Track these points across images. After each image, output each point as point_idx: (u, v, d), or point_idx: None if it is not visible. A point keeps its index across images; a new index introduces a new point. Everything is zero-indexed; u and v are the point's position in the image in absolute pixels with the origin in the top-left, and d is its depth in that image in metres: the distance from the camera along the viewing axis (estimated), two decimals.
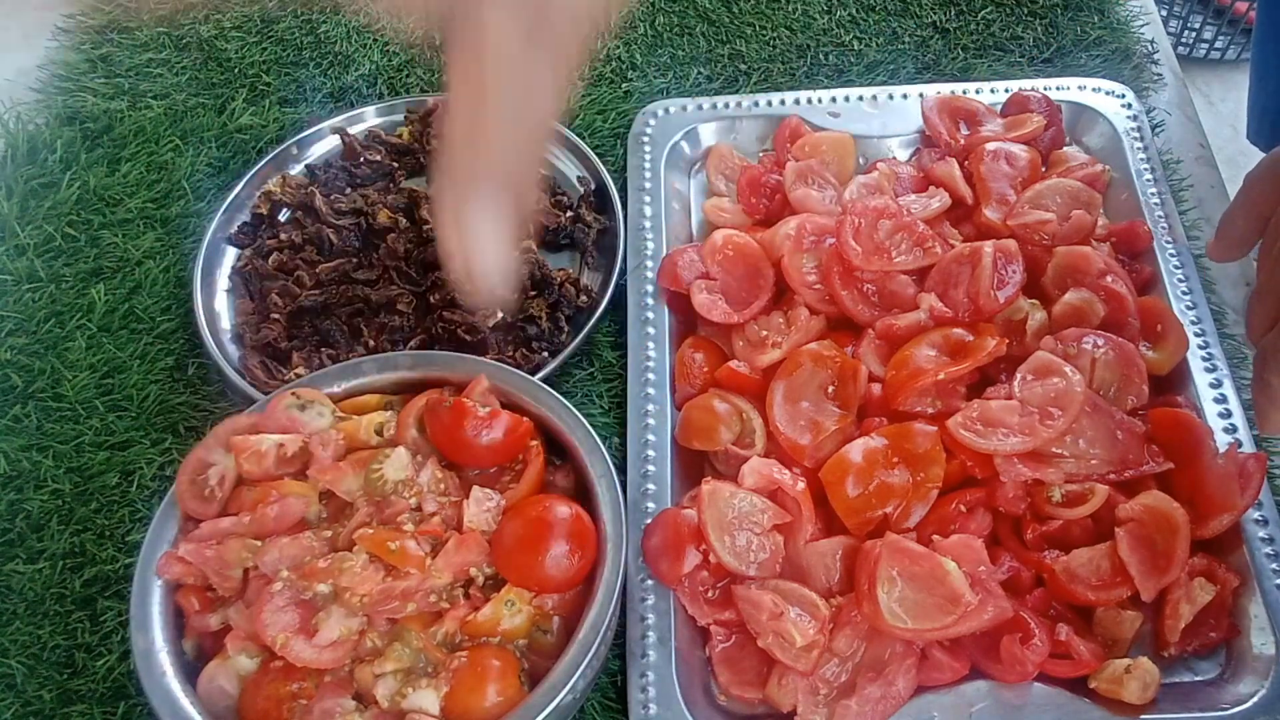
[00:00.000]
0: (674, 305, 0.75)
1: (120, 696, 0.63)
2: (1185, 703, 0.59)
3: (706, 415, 0.68)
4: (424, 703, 0.55)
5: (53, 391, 0.75)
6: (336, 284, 0.78)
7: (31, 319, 0.78)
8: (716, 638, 0.62)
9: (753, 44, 0.93)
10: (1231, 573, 0.62)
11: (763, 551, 0.62)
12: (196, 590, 0.59)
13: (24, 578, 0.67)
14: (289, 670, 0.56)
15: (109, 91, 0.92)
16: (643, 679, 0.60)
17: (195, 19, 0.97)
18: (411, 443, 0.62)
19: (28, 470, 0.72)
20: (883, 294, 0.72)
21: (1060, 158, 0.80)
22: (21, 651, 0.65)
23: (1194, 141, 0.86)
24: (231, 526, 0.59)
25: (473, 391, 0.63)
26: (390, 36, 0.96)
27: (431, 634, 0.57)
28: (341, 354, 0.74)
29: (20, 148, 0.88)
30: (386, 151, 0.87)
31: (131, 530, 0.69)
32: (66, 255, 0.82)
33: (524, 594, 0.58)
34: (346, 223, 0.81)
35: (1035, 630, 0.59)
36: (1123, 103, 0.83)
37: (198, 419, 0.74)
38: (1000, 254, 0.69)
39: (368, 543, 0.57)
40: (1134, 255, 0.75)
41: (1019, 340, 0.68)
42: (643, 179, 0.81)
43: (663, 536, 0.63)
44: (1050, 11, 0.94)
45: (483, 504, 0.60)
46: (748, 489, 0.63)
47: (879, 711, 0.58)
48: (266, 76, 0.93)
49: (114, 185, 0.86)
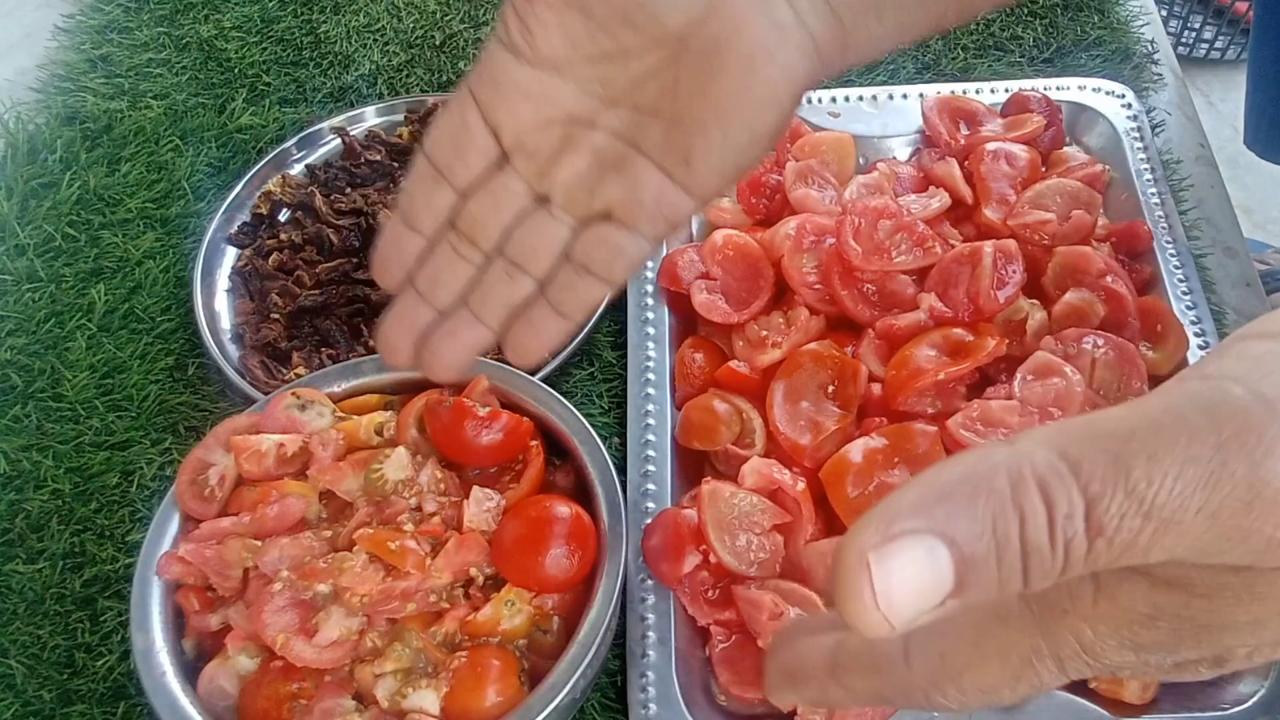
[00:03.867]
0: (674, 305, 0.75)
1: (120, 696, 0.63)
2: (1185, 703, 0.59)
3: (706, 415, 0.68)
4: (424, 703, 0.55)
5: (53, 391, 0.75)
6: (336, 284, 0.78)
7: (31, 319, 0.78)
8: (716, 638, 0.62)
9: None
10: None
11: (763, 551, 0.62)
12: (196, 590, 0.59)
13: (24, 578, 0.67)
14: (289, 670, 0.56)
15: (109, 91, 0.92)
16: (643, 679, 0.60)
17: (195, 19, 0.97)
18: (411, 443, 0.62)
19: (28, 470, 0.72)
20: (883, 294, 0.71)
21: (1060, 158, 0.80)
22: (21, 651, 0.65)
23: (1194, 141, 0.86)
24: (231, 526, 0.59)
25: (473, 391, 0.63)
26: (390, 36, 0.96)
27: (431, 634, 0.57)
28: (341, 354, 0.74)
29: (20, 148, 0.88)
30: (386, 151, 0.87)
31: (131, 530, 0.69)
32: (66, 255, 0.82)
33: (524, 594, 0.58)
34: (346, 223, 0.81)
35: None
36: (1123, 103, 0.83)
37: (198, 419, 0.74)
38: (1000, 254, 0.69)
39: (368, 543, 0.57)
40: (1134, 255, 0.75)
41: (1019, 340, 0.68)
42: None
43: (663, 536, 0.63)
44: (1050, 11, 0.94)
45: (483, 504, 0.60)
46: (748, 489, 0.63)
47: (879, 712, 0.58)
48: (266, 76, 0.93)
49: (114, 185, 0.86)
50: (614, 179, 0.39)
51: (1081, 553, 0.21)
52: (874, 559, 0.21)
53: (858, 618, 0.22)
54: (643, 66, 0.37)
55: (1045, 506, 0.21)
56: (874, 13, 0.37)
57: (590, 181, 0.39)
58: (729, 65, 0.36)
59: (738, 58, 0.36)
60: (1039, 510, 0.21)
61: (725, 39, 0.36)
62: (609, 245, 0.39)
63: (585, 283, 0.40)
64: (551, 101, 0.38)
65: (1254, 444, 0.21)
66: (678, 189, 0.38)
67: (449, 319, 0.41)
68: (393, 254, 0.41)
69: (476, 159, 0.40)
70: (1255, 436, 0.21)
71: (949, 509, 0.21)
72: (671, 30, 0.36)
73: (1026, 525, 0.21)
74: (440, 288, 0.41)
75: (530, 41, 0.37)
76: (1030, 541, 0.21)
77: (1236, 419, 0.21)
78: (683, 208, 0.39)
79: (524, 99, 0.38)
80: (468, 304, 0.41)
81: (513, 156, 0.40)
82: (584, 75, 0.38)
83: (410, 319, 0.41)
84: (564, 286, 0.40)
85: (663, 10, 0.36)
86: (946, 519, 0.21)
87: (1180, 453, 0.21)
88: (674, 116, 0.38)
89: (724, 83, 0.36)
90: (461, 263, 0.41)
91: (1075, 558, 0.21)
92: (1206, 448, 0.21)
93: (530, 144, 0.39)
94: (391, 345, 0.41)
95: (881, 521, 0.22)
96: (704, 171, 0.38)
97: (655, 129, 0.38)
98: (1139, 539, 0.21)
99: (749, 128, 0.37)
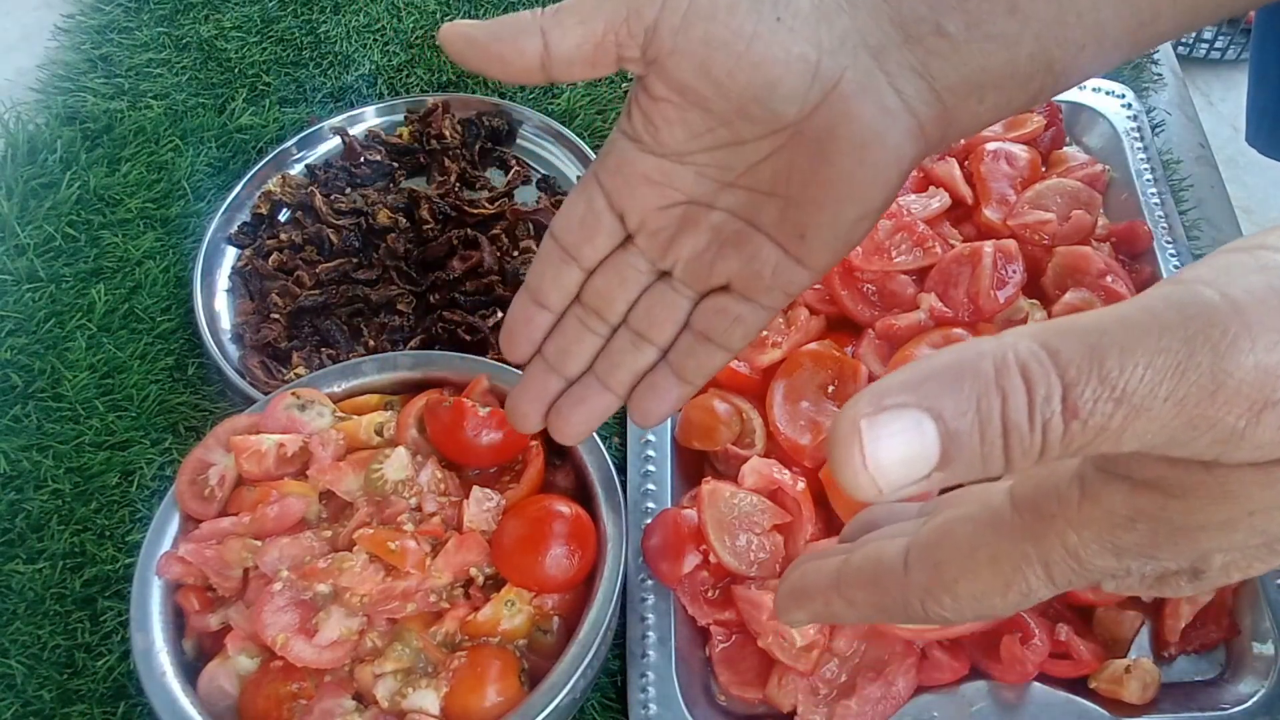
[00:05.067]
0: None
1: (120, 696, 0.63)
2: (1185, 703, 0.59)
3: (706, 415, 0.68)
4: (424, 703, 0.55)
5: (53, 391, 0.75)
6: (336, 284, 0.78)
7: (31, 319, 0.78)
8: (716, 638, 0.62)
9: None
10: None
11: (763, 551, 0.62)
12: (196, 590, 0.59)
13: (24, 578, 0.67)
14: (289, 670, 0.56)
15: (109, 91, 0.92)
16: (643, 679, 0.60)
17: (195, 19, 0.97)
18: (411, 443, 0.62)
19: (28, 470, 0.72)
20: (883, 294, 0.71)
21: (1060, 158, 0.80)
22: (21, 651, 0.65)
23: (1194, 141, 0.86)
24: (231, 526, 0.59)
25: (473, 391, 0.63)
26: (390, 36, 0.96)
27: (431, 634, 0.57)
28: (341, 354, 0.74)
29: (20, 148, 0.88)
30: (386, 151, 0.87)
31: (131, 530, 0.69)
32: (66, 255, 0.82)
33: (524, 594, 0.58)
34: (346, 223, 0.81)
35: (1035, 630, 0.59)
36: (1123, 103, 0.83)
37: (198, 419, 0.74)
38: (1000, 254, 0.69)
39: (368, 543, 0.57)
40: (1134, 255, 0.75)
41: None
42: None
43: (663, 536, 0.63)
44: None
45: (483, 504, 0.60)
46: (748, 489, 0.63)
47: (879, 712, 0.58)
48: (266, 76, 0.93)
49: (114, 185, 0.86)
50: (732, 254, 0.41)
51: (1058, 434, 0.23)
52: (865, 425, 0.23)
53: (848, 479, 0.23)
54: (759, 153, 0.39)
55: (1026, 388, 0.23)
56: (975, 96, 0.38)
57: (710, 257, 0.41)
58: (841, 150, 0.38)
59: (849, 143, 0.38)
60: (1020, 390, 0.23)
61: (837, 126, 0.37)
62: (728, 315, 0.42)
63: (706, 350, 0.42)
64: (673, 186, 0.41)
65: (1218, 337, 0.22)
66: (793, 262, 0.40)
67: (578, 386, 0.44)
68: (521, 329, 0.43)
69: (603, 241, 0.42)
70: (1220, 331, 0.23)
71: (937, 387, 0.23)
72: (787, 121, 0.38)
73: (1008, 404, 0.23)
74: (569, 359, 0.43)
75: (654, 135, 0.39)
76: (1011, 420, 0.23)
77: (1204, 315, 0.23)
78: (798, 280, 0.41)
79: (647, 184, 0.40)
80: (594, 372, 0.43)
81: (636, 237, 0.42)
82: (703, 162, 0.40)
83: (539, 388, 0.44)
84: (686, 354, 0.43)
85: (779, 105, 0.37)
86: (934, 396, 0.23)
87: (1151, 344, 0.23)
88: (789, 197, 0.40)
89: (837, 166, 0.38)
90: (589, 335, 0.43)
91: (1052, 439, 0.23)
92: (1175, 340, 0.23)
93: (652, 224, 0.41)
94: (522, 413, 0.44)
95: (874, 395, 0.23)
96: (818, 246, 0.40)
97: (771, 208, 0.40)
98: (1111, 423, 0.23)
99: (860, 206, 0.39)
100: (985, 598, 0.28)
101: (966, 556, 0.28)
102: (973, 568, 0.28)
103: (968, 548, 0.28)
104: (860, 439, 0.23)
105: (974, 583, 0.28)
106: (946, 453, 0.23)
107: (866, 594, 0.31)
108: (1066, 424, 0.23)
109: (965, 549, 0.28)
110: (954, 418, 0.23)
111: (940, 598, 0.29)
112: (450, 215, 0.81)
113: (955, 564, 0.28)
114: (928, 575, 0.29)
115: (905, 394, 0.23)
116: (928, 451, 0.23)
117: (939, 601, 0.29)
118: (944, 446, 0.23)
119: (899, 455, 0.23)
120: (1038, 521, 0.27)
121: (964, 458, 0.23)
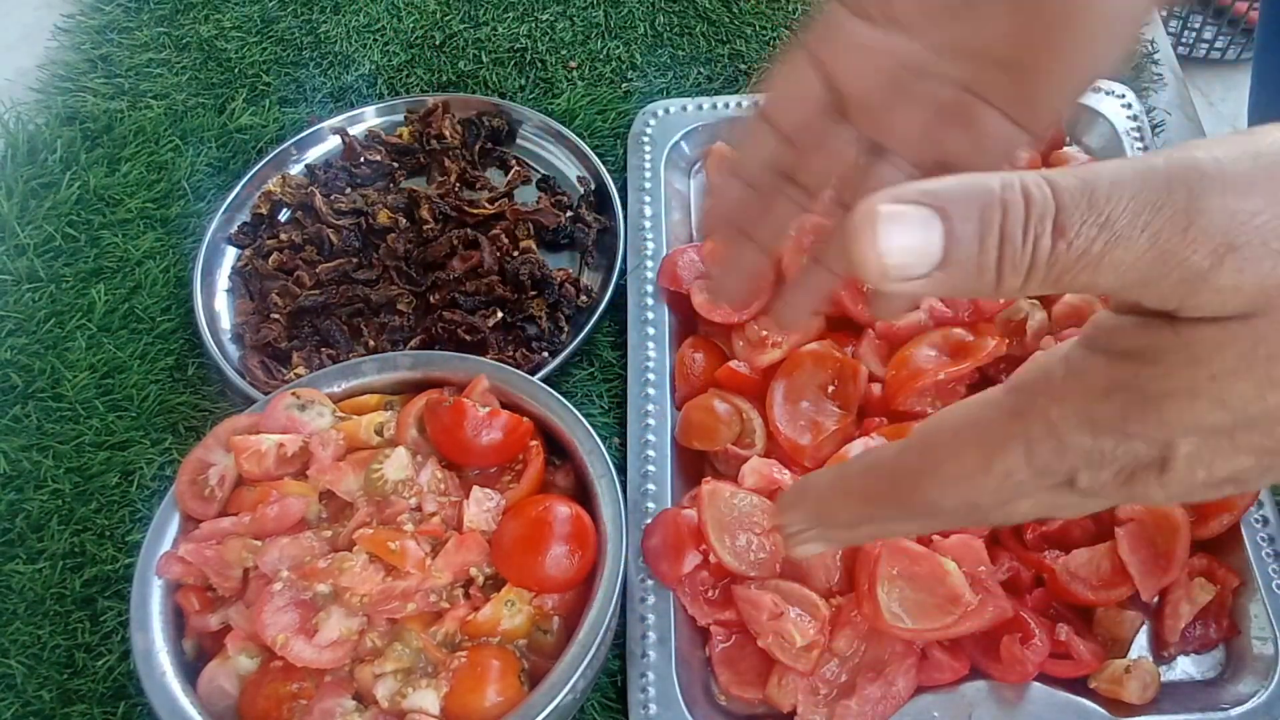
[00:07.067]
0: (674, 305, 0.75)
1: (120, 696, 0.63)
2: (1185, 703, 0.59)
3: (706, 415, 0.68)
4: (424, 703, 0.55)
5: (53, 391, 0.75)
6: (336, 284, 0.78)
7: (31, 319, 0.78)
8: (716, 638, 0.62)
9: (753, 44, 0.93)
10: (1231, 573, 0.62)
11: (763, 551, 0.62)
12: (196, 590, 0.59)
13: (24, 578, 0.67)
14: (289, 670, 0.56)
15: (109, 91, 0.92)
16: (643, 679, 0.60)
17: (195, 19, 0.97)
18: (411, 443, 0.62)
19: (28, 470, 0.72)
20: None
21: (1060, 158, 0.80)
22: (21, 651, 0.65)
23: None
24: (231, 526, 0.59)
25: (473, 391, 0.63)
26: (390, 36, 0.96)
27: (431, 634, 0.57)
28: (341, 354, 0.74)
29: (20, 148, 0.88)
30: (386, 151, 0.87)
31: (131, 530, 0.69)
32: (66, 255, 0.82)
33: (524, 594, 0.58)
34: (346, 223, 0.81)
35: (1035, 630, 0.59)
36: (1123, 103, 0.83)
37: (198, 419, 0.74)
38: None
39: (368, 543, 0.57)
40: None
41: (1019, 340, 0.68)
42: (643, 179, 0.81)
43: (663, 536, 0.63)
44: None
45: (483, 504, 0.60)
46: (748, 489, 0.63)
47: (879, 711, 0.58)
48: (266, 76, 0.93)
49: (114, 185, 0.86)
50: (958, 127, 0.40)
51: (1045, 251, 0.25)
52: (881, 212, 0.25)
53: (858, 256, 0.25)
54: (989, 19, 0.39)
55: (1024, 204, 0.25)
56: None
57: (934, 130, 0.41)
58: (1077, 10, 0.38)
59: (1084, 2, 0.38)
60: (1019, 206, 0.25)
61: None
62: None
63: None
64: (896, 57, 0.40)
65: (1195, 179, 0.25)
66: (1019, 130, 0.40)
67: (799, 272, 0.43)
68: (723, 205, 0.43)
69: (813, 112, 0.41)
70: (1198, 174, 0.25)
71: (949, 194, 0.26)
72: None
73: (1008, 216, 0.25)
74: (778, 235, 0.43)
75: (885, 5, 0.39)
76: (1007, 231, 0.25)
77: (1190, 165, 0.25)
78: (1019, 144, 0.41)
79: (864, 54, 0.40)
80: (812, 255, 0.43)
81: (849, 109, 0.41)
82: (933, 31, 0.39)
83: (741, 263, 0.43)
84: None
85: None
86: (945, 200, 0.25)
87: (1139, 182, 0.25)
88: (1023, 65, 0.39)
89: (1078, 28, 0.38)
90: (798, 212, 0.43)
91: (1040, 256, 0.25)
92: (1159, 179, 0.25)
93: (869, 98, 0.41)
94: (726, 288, 0.44)
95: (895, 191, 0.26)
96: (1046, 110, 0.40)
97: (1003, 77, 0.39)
98: (1093, 247, 0.25)
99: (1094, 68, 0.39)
100: (969, 479, 0.29)
101: (954, 435, 0.30)
102: (959, 448, 0.30)
103: (956, 426, 0.30)
104: (875, 224, 0.25)
105: (959, 464, 0.30)
106: (948, 253, 0.25)
107: (862, 480, 0.33)
108: (1054, 243, 0.25)
109: (954, 428, 0.30)
110: (959, 221, 0.25)
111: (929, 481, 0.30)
112: (450, 215, 0.81)
113: (944, 446, 0.30)
114: (918, 456, 0.31)
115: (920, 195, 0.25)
116: (932, 247, 0.25)
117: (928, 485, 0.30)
118: (946, 245, 0.25)
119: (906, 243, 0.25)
120: (1024, 398, 0.29)
121: (962, 261, 0.25)
